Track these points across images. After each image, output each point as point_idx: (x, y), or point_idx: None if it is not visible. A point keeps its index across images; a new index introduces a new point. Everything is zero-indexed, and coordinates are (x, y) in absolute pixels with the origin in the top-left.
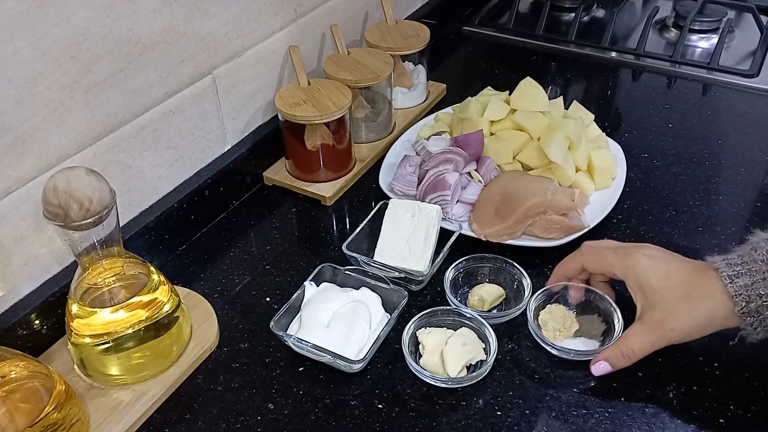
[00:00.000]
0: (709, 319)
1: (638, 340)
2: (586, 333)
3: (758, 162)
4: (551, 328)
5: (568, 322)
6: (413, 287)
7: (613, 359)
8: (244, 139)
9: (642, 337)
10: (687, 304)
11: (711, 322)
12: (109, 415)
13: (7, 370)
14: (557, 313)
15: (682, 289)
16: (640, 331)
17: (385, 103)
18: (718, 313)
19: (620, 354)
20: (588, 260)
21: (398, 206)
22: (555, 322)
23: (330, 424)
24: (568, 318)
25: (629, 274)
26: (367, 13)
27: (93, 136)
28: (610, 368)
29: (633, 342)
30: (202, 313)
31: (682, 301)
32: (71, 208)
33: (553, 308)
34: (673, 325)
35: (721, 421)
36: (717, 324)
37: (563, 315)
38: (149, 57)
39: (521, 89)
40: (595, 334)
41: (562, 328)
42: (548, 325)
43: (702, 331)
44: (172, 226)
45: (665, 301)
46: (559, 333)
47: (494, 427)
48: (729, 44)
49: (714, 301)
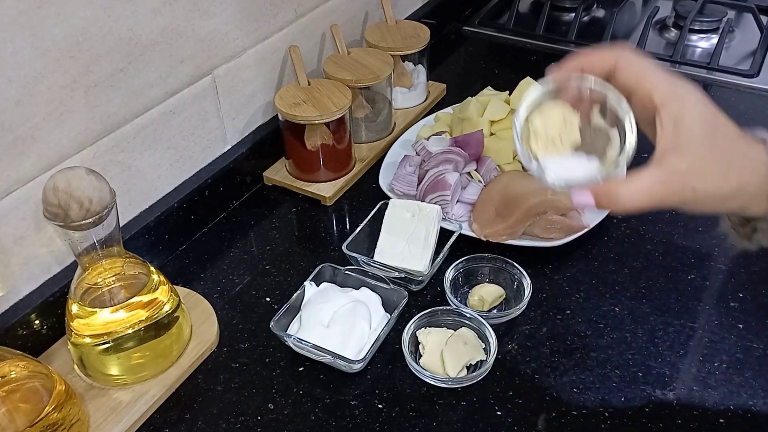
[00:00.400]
0: (737, 192)
1: (645, 188)
2: (587, 146)
3: None
4: (542, 137)
5: (566, 131)
6: (413, 287)
7: (603, 198)
8: (244, 139)
9: (654, 184)
10: (724, 164)
11: (736, 196)
12: (109, 415)
13: (7, 370)
14: (554, 117)
15: (725, 145)
16: (653, 177)
17: (385, 103)
18: (750, 189)
19: (615, 195)
20: (628, 62)
21: (398, 206)
22: (550, 130)
23: (330, 424)
24: (569, 124)
25: (672, 102)
26: (367, 13)
27: (93, 136)
28: (593, 204)
29: (638, 188)
30: (202, 313)
31: (721, 158)
32: (71, 208)
33: (550, 108)
34: (698, 184)
35: (721, 421)
36: (740, 201)
37: (563, 119)
38: (149, 57)
39: (521, 89)
40: (599, 148)
41: (556, 138)
42: (540, 134)
43: (722, 203)
44: (172, 226)
45: (701, 150)
46: (551, 144)
47: (494, 427)
48: (729, 44)
49: (752, 174)
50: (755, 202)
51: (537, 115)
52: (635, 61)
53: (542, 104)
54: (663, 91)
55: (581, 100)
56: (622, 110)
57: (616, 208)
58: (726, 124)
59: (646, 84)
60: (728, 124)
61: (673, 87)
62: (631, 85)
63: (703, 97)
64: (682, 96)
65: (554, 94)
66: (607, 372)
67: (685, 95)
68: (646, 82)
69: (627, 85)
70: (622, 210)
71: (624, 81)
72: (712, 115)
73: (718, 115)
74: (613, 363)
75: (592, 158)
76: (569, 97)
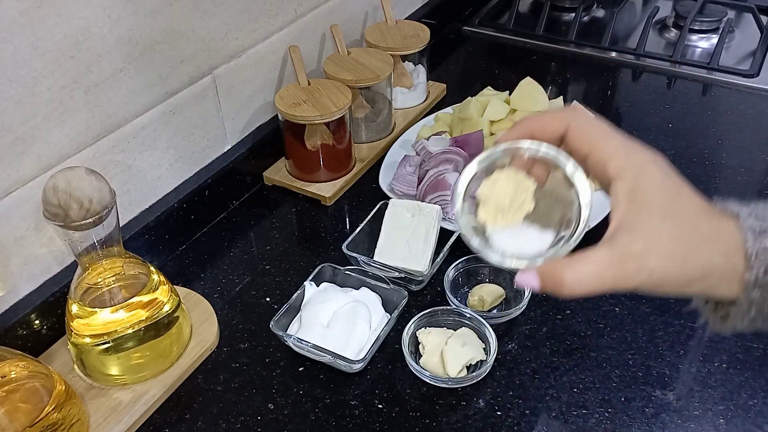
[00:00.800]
0: (702, 275)
1: (596, 270)
2: (541, 218)
3: (758, 162)
4: (491, 207)
5: (520, 199)
6: (413, 287)
7: (548, 281)
8: (244, 139)
9: (603, 268)
10: (686, 244)
11: (701, 280)
12: (109, 415)
13: (7, 370)
14: (506, 185)
15: (687, 222)
16: (604, 260)
17: (385, 103)
18: (717, 271)
19: (560, 280)
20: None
21: (398, 206)
22: (500, 198)
23: (330, 424)
24: (523, 192)
25: (627, 172)
26: (367, 13)
27: (93, 136)
28: (538, 287)
29: (585, 271)
30: (202, 313)
31: (682, 238)
32: (71, 208)
33: (503, 176)
34: (655, 267)
35: (721, 421)
36: (706, 285)
37: (516, 186)
38: (149, 57)
39: (521, 89)
40: (553, 221)
41: (508, 207)
42: (489, 203)
43: (686, 287)
44: (172, 226)
45: (659, 228)
46: (500, 216)
47: (494, 427)
48: (729, 44)
49: (721, 255)
50: (724, 286)
51: (486, 183)
52: (587, 126)
53: (493, 171)
54: (618, 161)
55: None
56: (577, 179)
57: (562, 294)
58: (690, 198)
59: (600, 152)
60: (692, 198)
61: (629, 155)
62: (584, 152)
63: (664, 167)
64: (639, 166)
65: (506, 160)
66: (607, 372)
67: (642, 165)
68: (599, 149)
69: (580, 152)
70: (569, 295)
71: (577, 147)
72: (674, 187)
73: (682, 187)
74: (613, 363)
75: (546, 231)
76: (523, 163)
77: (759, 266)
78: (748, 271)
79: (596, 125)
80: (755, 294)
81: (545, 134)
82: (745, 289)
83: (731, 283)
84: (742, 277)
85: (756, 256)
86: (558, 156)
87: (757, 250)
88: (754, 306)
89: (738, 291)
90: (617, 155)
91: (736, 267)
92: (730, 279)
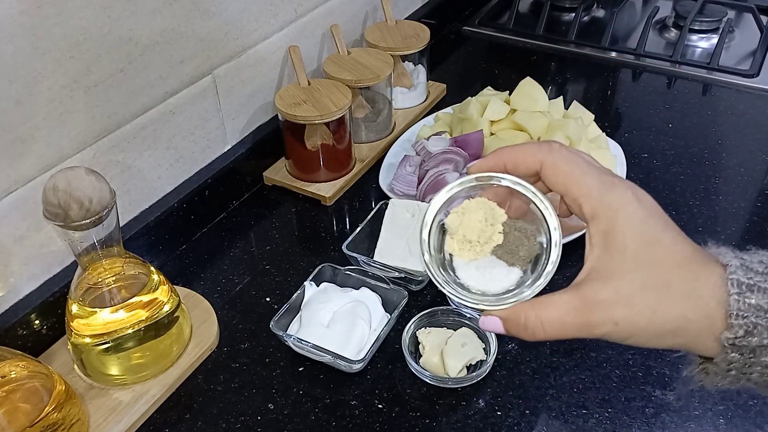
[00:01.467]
0: (676, 331)
1: (558, 316)
2: (509, 252)
3: (758, 162)
4: (458, 238)
5: (488, 232)
6: (413, 287)
7: (511, 324)
8: (244, 139)
9: (566, 314)
10: (657, 295)
11: (675, 336)
12: (109, 415)
13: (7, 370)
14: (476, 215)
15: (663, 272)
16: (568, 306)
17: (385, 103)
18: (691, 327)
19: (523, 323)
20: (555, 165)
21: (398, 206)
22: (468, 229)
23: (330, 424)
24: (491, 222)
25: (602, 215)
26: (367, 13)
27: (93, 136)
28: (503, 331)
29: (550, 314)
30: (202, 313)
31: (654, 289)
32: (71, 208)
33: (473, 205)
34: (621, 317)
35: (721, 421)
36: (680, 340)
37: (485, 217)
38: (149, 57)
39: (521, 89)
40: (522, 257)
41: (476, 239)
42: (457, 233)
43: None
44: (172, 226)
45: (629, 277)
46: (468, 246)
47: (494, 427)
48: (729, 44)
49: (697, 310)
50: (700, 343)
51: (455, 212)
52: (561, 164)
53: (463, 202)
54: (592, 200)
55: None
56: (548, 216)
57: (525, 338)
58: (672, 244)
59: (575, 191)
60: (675, 244)
61: (605, 195)
62: (560, 190)
63: (647, 207)
64: (617, 206)
65: (477, 190)
66: (607, 372)
67: (620, 206)
68: (574, 188)
69: (557, 190)
70: (531, 339)
71: (552, 185)
72: (655, 232)
73: (664, 232)
74: (613, 363)
75: (513, 267)
76: (494, 194)
77: (739, 327)
78: (727, 329)
79: (571, 161)
80: (734, 356)
81: (518, 168)
82: (723, 349)
83: (707, 340)
84: (720, 335)
85: (737, 315)
86: (528, 190)
87: (740, 307)
88: (733, 368)
89: (716, 349)
90: (592, 195)
91: (714, 324)
92: (706, 336)
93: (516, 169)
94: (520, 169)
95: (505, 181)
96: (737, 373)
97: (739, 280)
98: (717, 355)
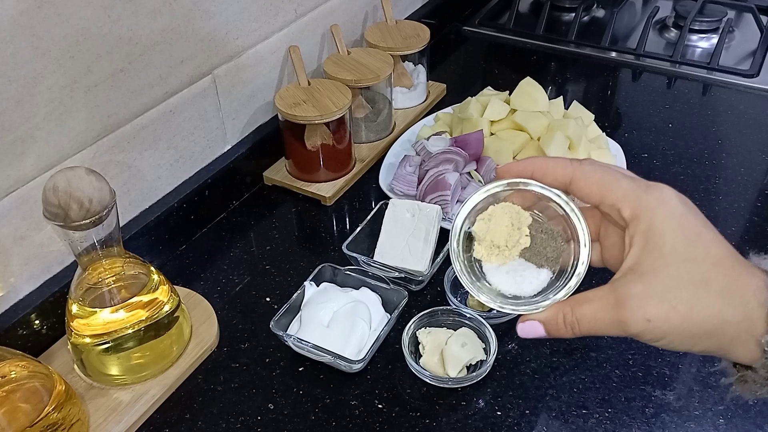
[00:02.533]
0: (713, 332)
1: (592, 313)
2: (537, 255)
3: (758, 162)
4: (486, 244)
5: (515, 236)
6: (413, 287)
7: (552, 326)
8: (244, 139)
9: (599, 310)
10: (695, 292)
11: (711, 337)
12: (109, 415)
13: (7, 370)
14: (502, 220)
15: (702, 268)
16: (603, 302)
17: (385, 103)
18: (729, 329)
19: (562, 322)
20: (587, 175)
21: (398, 206)
22: (496, 234)
23: (330, 424)
24: (518, 226)
25: (642, 215)
26: (367, 13)
27: (93, 136)
28: (544, 334)
29: (585, 312)
30: (202, 313)
31: (691, 285)
32: (71, 208)
33: (499, 211)
34: (654, 314)
35: (721, 421)
36: (717, 343)
37: (511, 221)
38: (149, 57)
39: (521, 89)
40: (550, 258)
41: (504, 244)
42: (485, 239)
43: (692, 342)
44: (172, 226)
45: (667, 273)
46: (497, 251)
47: (494, 427)
48: (729, 44)
49: (737, 309)
50: (739, 347)
51: (482, 219)
52: (593, 173)
53: (489, 207)
54: (632, 201)
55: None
56: (575, 218)
57: (565, 336)
58: (712, 242)
59: (612, 196)
60: (715, 243)
61: (643, 195)
62: (595, 199)
63: (687, 205)
64: (656, 204)
65: (504, 196)
66: (607, 372)
67: (659, 203)
68: (610, 195)
69: (591, 200)
70: (571, 336)
71: (586, 195)
72: (694, 228)
73: (704, 230)
74: (613, 363)
75: (542, 269)
76: (520, 199)
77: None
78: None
79: (603, 170)
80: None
81: (546, 178)
82: (764, 354)
83: (747, 344)
84: (761, 338)
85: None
86: (556, 193)
87: None
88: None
89: (756, 354)
90: (630, 196)
91: (754, 326)
92: (745, 339)
93: (543, 178)
94: (548, 179)
95: (533, 186)
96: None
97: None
98: (756, 360)
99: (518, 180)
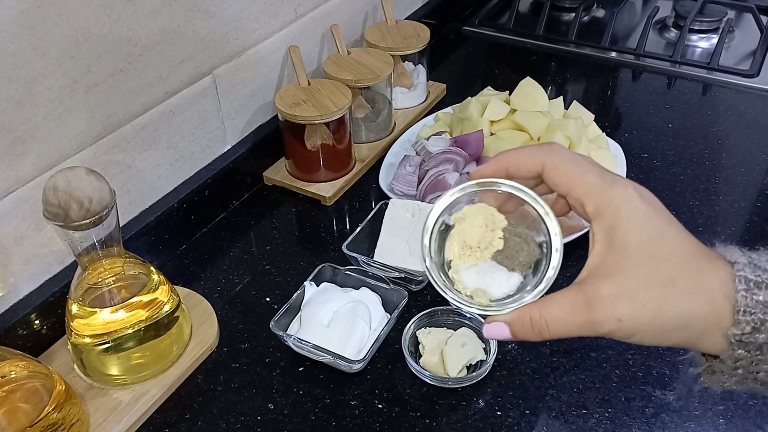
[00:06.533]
0: (681, 326)
1: (560, 315)
2: (509, 258)
3: (758, 162)
4: (460, 244)
5: (488, 238)
6: (413, 287)
7: (517, 327)
8: (244, 139)
9: (568, 312)
10: (663, 290)
11: (680, 331)
12: (109, 415)
13: (7, 370)
14: (476, 220)
15: (668, 266)
16: (571, 304)
17: (385, 103)
18: (697, 323)
19: (529, 324)
20: (556, 166)
21: (398, 206)
22: (469, 234)
23: (330, 424)
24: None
25: (606, 212)
26: (367, 13)
27: (93, 136)
28: (509, 336)
29: (553, 313)
30: (202, 313)
31: (659, 283)
32: (71, 208)
33: (473, 211)
34: (624, 314)
35: (721, 421)
36: (686, 336)
37: (485, 222)
38: (149, 57)
39: (521, 89)
40: (522, 262)
41: (477, 244)
42: (458, 239)
43: (663, 336)
44: (172, 226)
45: (634, 272)
46: (469, 252)
47: (494, 427)
48: (729, 44)
49: (704, 304)
50: (707, 339)
51: (456, 220)
52: (563, 164)
53: (463, 208)
54: (596, 197)
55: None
56: (548, 221)
57: (533, 338)
58: (676, 239)
59: (578, 189)
60: (679, 239)
61: (607, 193)
62: (563, 190)
63: (651, 203)
64: (620, 202)
65: (477, 196)
66: (607, 372)
67: (622, 202)
68: (577, 187)
69: (560, 190)
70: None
71: (555, 185)
72: (659, 226)
73: (668, 227)
74: (613, 363)
75: (513, 272)
76: (494, 200)
77: (746, 323)
78: (734, 326)
79: (573, 161)
80: (741, 353)
81: (520, 171)
82: (730, 346)
83: (714, 335)
84: (727, 331)
85: (744, 312)
86: (529, 195)
87: (747, 303)
88: (740, 365)
89: (723, 345)
90: (594, 192)
91: (721, 320)
92: (713, 331)
93: (518, 171)
94: (522, 172)
95: (506, 186)
96: (744, 372)
97: (747, 277)
98: (723, 351)
99: (490, 180)
